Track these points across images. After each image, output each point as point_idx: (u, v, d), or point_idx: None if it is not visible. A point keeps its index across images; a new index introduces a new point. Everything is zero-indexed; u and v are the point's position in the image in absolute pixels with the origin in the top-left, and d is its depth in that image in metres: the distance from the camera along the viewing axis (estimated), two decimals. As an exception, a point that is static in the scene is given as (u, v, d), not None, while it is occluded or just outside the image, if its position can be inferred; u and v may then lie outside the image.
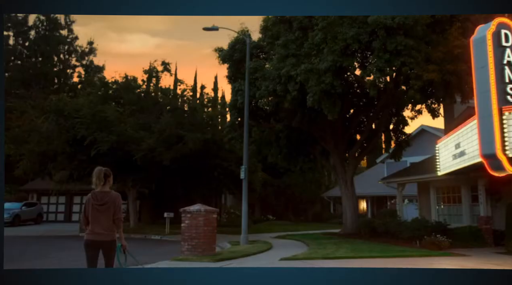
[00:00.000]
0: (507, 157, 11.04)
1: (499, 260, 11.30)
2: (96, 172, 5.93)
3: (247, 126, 16.91)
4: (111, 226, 5.69)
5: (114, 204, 5.74)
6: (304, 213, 39.10)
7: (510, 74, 11.50)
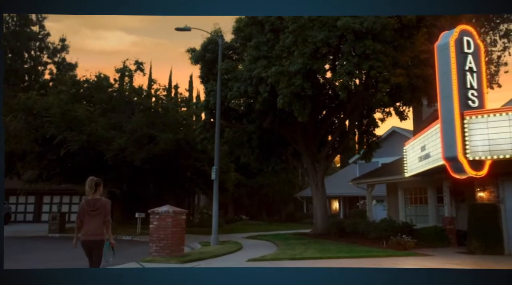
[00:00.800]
0: (468, 160, 11.44)
1: (460, 260, 11.64)
2: (88, 182, 6.82)
3: (219, 127, 16.96)
4: (102, 228, 6.64)
5: (104, 209, 6.70)
6: (277, 213, 39.35)
7: (471, 80, 11.91)
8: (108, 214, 6.72)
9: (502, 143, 11.04)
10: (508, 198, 13.23)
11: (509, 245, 12.96)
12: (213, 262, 11.28)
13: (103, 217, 6.64)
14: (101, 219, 6.62)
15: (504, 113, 11.09)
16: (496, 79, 27.11)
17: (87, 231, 6.55)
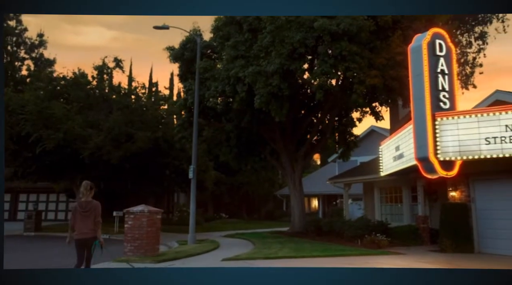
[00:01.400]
0: (439, 161, 11.68)
1: (431, 258, 11.90)
2: (84, 185, 7.57)
3: (197, 126, 16.96)
4: (93, 227, 7.31)
5: (95, 211, 7.39)
6: (257, 211, 39.51)
7: (443, 82, 12.15)
8: (98, 215, 7.39)
9: (471, 144, 11.29)
10: (479, 197, 13.56)
11: (479, 244, 13.29)
12: (187, 261, 11.32)
13: (94, 218, 7.33)
14: (92, 220, 7.31)
15: (474, 115, 11.34)
16: (472, 80, 27.73)
17: (80, 230, 7.29)
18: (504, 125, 10.88)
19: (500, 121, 10.95)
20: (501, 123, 10.92)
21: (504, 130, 10.87)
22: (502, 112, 10.94)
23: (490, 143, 11.04)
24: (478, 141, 11.20)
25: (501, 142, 10.90)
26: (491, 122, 11.05)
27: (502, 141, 10.88)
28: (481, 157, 11.18)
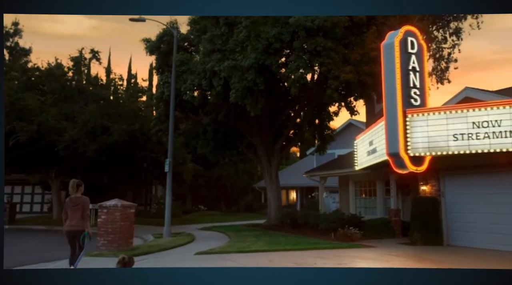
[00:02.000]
0: (409, 156, 11.94)
1: (400, 251, 12.18)
2: (70, 184, 8.37)
3: (173, 120, 16.93)
4: (81, 220, 8.04)
5: (83, 206, 8.14)
6: (235, 203, 39.66)
7: (414, 79, 12.38)
8: (87, 209, 8.19)
9: (440, 140, 11.55)
10: (448, 191, 13.91)
11: (447, 236, 13.66)
12: (160, 255, 11.37)
13: (82, 212, 8.09)
14: (80, 213, 8.07)
15: (443, 112, 11.59)
16: (447, 74, 28.27)
17: (70, 223, 8.06)
18: (471, 122, 11.14)
19: (467, 118, 11.21)
20: (469, 120, 11.19)
21: (471, 127, 11.14)
22: (470, 110, 11.20)
23: (457, 140, 11.31)
24: (446, 137, 11.46)
25: (468, 139, 11.17)
26: (459, 119, 11.31)
27: (469, 138, 11.16)
28: (449, 153, 11.46)
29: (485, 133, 10.97)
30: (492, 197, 12.62)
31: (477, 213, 13.03)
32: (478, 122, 11.08)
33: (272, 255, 11.26)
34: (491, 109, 10.95)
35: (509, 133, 10.67)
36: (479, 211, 12.98)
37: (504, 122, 10.76)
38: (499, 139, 10.78)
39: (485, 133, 10.98)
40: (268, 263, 9.99)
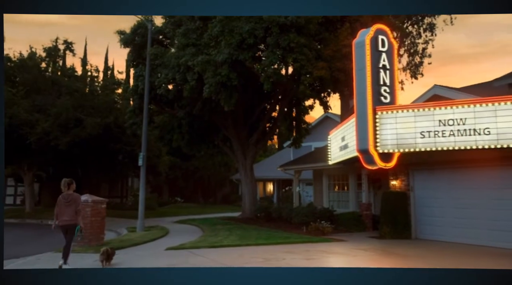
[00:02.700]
0: (378, 153, 12.18)
1: (369, 245, 12.46)
2: (62, 182, 9.11)
3: (147, 113, 16.85)
4: (73, 215, 8.79)
5: (75, 202, 8.91)
6: (213, 195, 39.73)
7: (384, 77, 12.59)
8: (78, 205, 8.93)
9: (408, 138, 11.80)
10: (417, 186, 14.26)
11: (416, 230, 14.03)
12: (131, 251, 11.38)
13: (75, 207, 8.84)
14: (73, 209, 8.82)
15: (411, 109, 11.84)
16: (420, 69, 28.77)
17: (62, 218, 8.78)
18: (438, 120, 11.41)
19: (434, 116, 11.47)
20: (435, 118, 11.45)
21: (438, 125, 11.40)
22: (436, 108, 11.46)
23: (424, 137, 11.57)
24: (414, 134, 11.71)
25: (434, 136, 11.44)
26: (426, 117, 11.56)
27: (436, 135, 11.43)
28: (416, 150, 11.74)
29: (451, 131, 11.25)
30: (458, 192, 13.00)
31: (444, 207, 13.41)
32: (444, 120, 11.35)
33: (242, 250, 11.40)
34: (456, 107, 11.23)
35: (472, 131, 10.97)
36: (446, 206, 13.37)
37: (468, 121, 11.05)
38: (464, 137, 11.07)
39: (450, 131, 11.26)
40: (238, 258, 10.12)
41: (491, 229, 12.02)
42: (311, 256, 10.45)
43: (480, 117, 10.93)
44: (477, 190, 12.52)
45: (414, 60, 28.34)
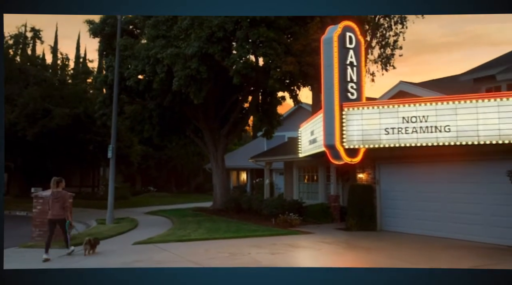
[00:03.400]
0: (344, 149, 12.43)
1: (334, 237, 12.74)
2: (52, 181, 10.10)
3: (116, 105, 16.66)
4: (62, 211, 9.86)
5: (63, 198, 9.95)
6: (186, 184, 39.74)
7: (351, 74, 12.80)
8: (66, 201, 9.98)
9: (373, 134, 12.07)
10: (383, 179, 14.61)
11: (381, 222, 14.41)
12: (99, 245, 11.35)
13: (62, 203, 9.82)
14: (61, 205, 9.82)
15: (376, 106, 12.10)
16: (392, 61, 29.18)
17: (52, 213, 9.83)
18: (402, 117, 11.70)
19: (398, 113, 11.76)
20: (399, 115, 11.73)
21: (401, 122, 11.70)
22: (400, 105, 11.74)
23: (389, 133, 11.86)
24: (379, 131, 11.98)
25: (398, 133, 11.74)
26: (390, 114, 11.83)
27: (399, 132, 11.73)
28: (381, 146, 12.03)
29: (413, 128, 11.56)
30: (422, 185, 13.39)
31: (408, 200, 13.81)
32: (407, 117, 11.65)
33: (210, 244, 11.53)
34: (419, 105, 11.53)
35: (434, 128, 11.30)
36: (409, 199, 13.77)
37: (430, 118, 11.36)
38: (425, 134, 11.39)
39: (413, 127, 11.57)
40: (204, 253, 10.25)
41: (452, 221, 12.46)
42: (277, 250, 10.64)
43: (441, 115, 11.26)
44: (439, 184, 12.92)
45: (385, 52, 28.75)
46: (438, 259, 9.68)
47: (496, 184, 11.38)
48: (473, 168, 12.18)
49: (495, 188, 11.53)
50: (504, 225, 11.09)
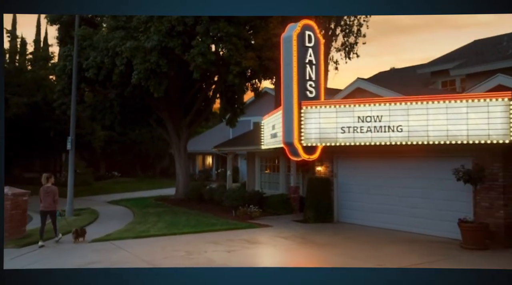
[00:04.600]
0: (302, 146, 12.72)
1: (291, 231, 13.04)
2: (43, 177, 11.48)
3: (75, 97, 16.36)
4: (52, 203, 11.27)
5: (53, 192, 11.31)
6: (151, 168, 39.49)
7: (310, 72, 13.00)
8: (56, 195, 11.32)
9: (330, 132, 12.38)
10: (341, 172, 15.03)
11: (337, 214, 14.89)
12: (53, 243, 11.34)
13: (53, 197, 11.23)
14: (52, 198, 11.21)
15: (333, 105, 12.38)
16: (355, 49, 29.61)
17: (44, 205, 11.19)
18: (357, 117, 12.04)
19: (354, 113, 12.08)
20: (355, 114, 12.06)
21: (357, 121, 12.04)
22: (356, 105, 12.06)
23: (345, 132, 12.19)
24: (335, 129, 12.30)
25: (353, 132, 12.08)
26: (346, 113, 12.15)
27: (355, 131, 12.07)
28: (337, 144, 12.36)
29: (368, 127, 11.92)
30: (377, 179, 13.86)
31: (364, 193, 14.29)
32: (362, 116, 11.98)
33: (167, 240, 11.64)
34: (374, 105, 11.87)
35: (387, 128, 11.68)
36: (365, 192, 14.24)
37: (384, 118, 11.73)
38: (379, 133, 11.77)
39: (368, 127, 11.93)
40: (161, 251, 10.39)
41: (405, 215, 12.98)
42: (233, 247, 10.87)
43: (394, 115, 11.63)
44: (393, 179, 13.40)
45: (348, 40, 29.13)
46: (386, 255, 10.15)
47: (444, 180, 11.89)
48: (424, 164, 12.68)
49: (443, 184, 12.05)
50: (450, 219, 11.65)
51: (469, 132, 10.75)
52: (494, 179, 11.06)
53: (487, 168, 11.09)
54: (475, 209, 11.34)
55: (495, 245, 10.73)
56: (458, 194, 11.63)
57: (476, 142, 10.61)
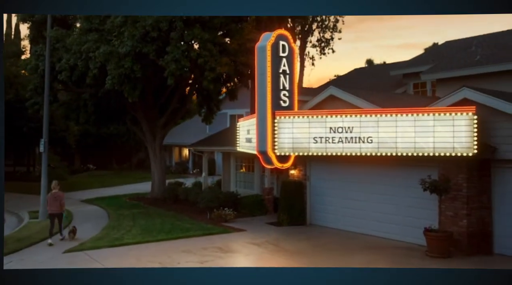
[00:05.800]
0: (276, 155, 12.96)
1: (264, 236, 13.30)
2: (52, 183, 13.12)
3: (48, 98, 16.12)
4: (59, 207, 12.88)
5: (60, 198, 12.92)
6: (128, 160, 39.23)
7: (284, 82, 13.17)
8: (62, 199, 12.95)
9: (303, 142, 12.64)
10: (314, 176, 15.37)
11: (310, 217, 15.27)
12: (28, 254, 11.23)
13: (60, 201, 12.82)
14: (58, 203, 12.80)
15: (306, 116, 12.61)
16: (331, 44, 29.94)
17: (52, 209, 12.80)
18: (329, 127, 12.31)
19: (326, 123, 12.35)
20: (327, 125, 12.33)
21: (329, 132, 12.32)
22: (328, 116, 12.32)
23: (317, 142, 12.47)
24: (308, 140, 12.57)
25: (325, 142, 12.37)
26: (319, 124, 12.42)
27: (326, 141, 12.36)
28: (310, 154, 12.63)
29: (340, 138, 12.22)
30: (349, 184, 14.22)
31: (336, 197, 14.65)
32: (334, 127, 12.26)
33: (142, 249, 11.77)
34: (345, 116, 12.15)
35: (358, 139, 11.99)
36: (337, 196, 14.61)
37: (355, 129, 12.04)
38: (350, 144, 12.09)
39: (339, 138, 12.22)
40: (136, 263, 10.49)
41: (374, 220, 13.41)
42: (206, 256, 11.08)
43: (365, 127, 11.94)
44: (364, 184, 13.77)
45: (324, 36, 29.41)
46: (353, 262, 10.55)
47: (412, 188, 12.27)
48: (393, 172, 13.06)
49: (410, 192, 12.46)
50: (417, 225, 12.09)
51: (435, 144, 11.15)
52: (458, 190, 11.49)
53: (452, 179, 11.52)
54: (440, 217, 11.79)
55: (458, 253, 11.24)
56: (425, 202, 12.05)
57: (442, 154, 11.01)
